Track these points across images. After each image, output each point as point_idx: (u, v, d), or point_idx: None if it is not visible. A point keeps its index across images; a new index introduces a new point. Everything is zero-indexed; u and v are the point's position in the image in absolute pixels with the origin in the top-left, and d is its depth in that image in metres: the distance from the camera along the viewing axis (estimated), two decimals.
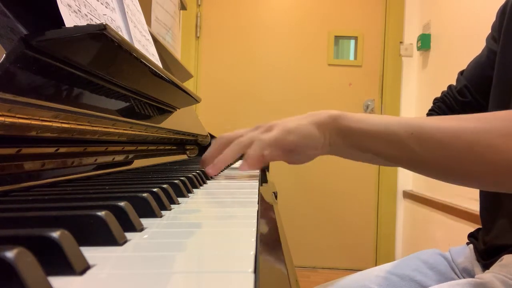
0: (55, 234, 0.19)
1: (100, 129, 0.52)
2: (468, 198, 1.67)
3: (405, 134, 0.48)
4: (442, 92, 0.86)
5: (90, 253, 0.22)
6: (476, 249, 0.72)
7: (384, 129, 0.49)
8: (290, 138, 0.53)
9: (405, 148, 0.48)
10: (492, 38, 0.76)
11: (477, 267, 0.70)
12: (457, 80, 0.83)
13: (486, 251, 0.68)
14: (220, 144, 0.61)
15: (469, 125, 0.45)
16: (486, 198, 0.72)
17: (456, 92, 0.81)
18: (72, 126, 0.44)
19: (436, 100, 0.87)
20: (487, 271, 0.63)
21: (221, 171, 0.83)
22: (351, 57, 2.50)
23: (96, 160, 0.57)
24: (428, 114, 0.87)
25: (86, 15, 0.50)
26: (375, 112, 2.45)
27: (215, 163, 0.59)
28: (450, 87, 0.84)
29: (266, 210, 0.42)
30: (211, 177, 0.67)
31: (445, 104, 0.83)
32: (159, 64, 0.81)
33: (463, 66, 0.85)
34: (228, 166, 0.95)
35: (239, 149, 0.57)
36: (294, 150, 0.55)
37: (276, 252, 0.26)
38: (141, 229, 0.29)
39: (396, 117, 0.51)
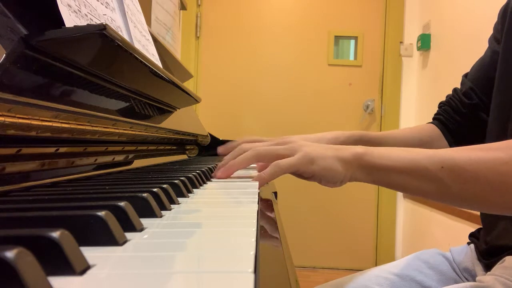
0: (55, 234, 0.19)
1: (100, 129, 0.52)
2: None
3: (435, 168, 0.47)
4: (447, 96, 0.85)
5: (90, 253, 0.22)
6: (477, 249, 0.72)
7: (412, 164, 0.49)
8: (311, 168, 0.52)
9: (435, 182, 0.47)
10: (495, 39, 0.76)
11: (478, 267, 0.70)
12: (462, 83, 0.83)
13: (488, 251, 0.68)
14: (240, 150, 0.60)
15: (501, 155, 0.44)
16: None
17: (462, 95, 0.80)
18: (72, 126, 0.44)
19: (441, 104, 0.86)
20: (488, 273, 0.63)
21: None
22: (351, 57, 2.50)
23: (96, 160, 0.57)
24: (435, 118, 0.86)
25: (86, 15, 0.50)
26: (375, 112, 2.45)
27: (227, 167, 0.59)
28: (455, 90, 0.84)
29: (266, 210, 0.42)
30: (211, 177, 0.67)
31: (451, 107, 0.83)
32: (159, 64, 0.81)
33: (463, 66, 0.85)
34: None
35: (254, 159, 0.57)
36: (310, 178, 0.54)
37: (276, 252, 0.26)
38: (141, 229, 0.29)
39: (422, 149, 0.51)
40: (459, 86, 0.84)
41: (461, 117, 0.81)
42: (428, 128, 0.85)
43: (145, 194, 0.33)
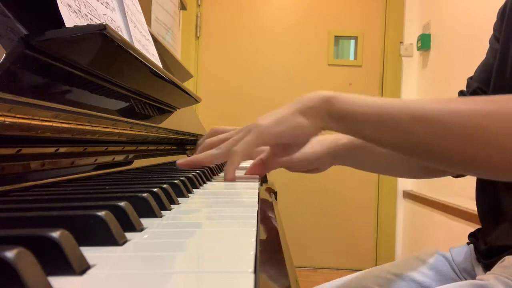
0: (55, 234, 0.19)
1: (100, 129, 0.52)
2: (468, 198, 1.67)
3: (407, 117, 0.44)
4: None
5: (90, 253, 0.22)
6: (476, 249, 0.72)
7: (380, 112, 0.46)
8: (271, 138, 0.49)
9: (407, 133, 0.44)
10: (495, 38, 0.76)
11: (477, 267, 0.70)
12: (468, 85, 0.82)
13: (487, 251, 0.68)
14: (204, 145, 0.58)
15: (482, 107, 0.42)
16: (484, 202, 0.72)
17: (469, 95, 0.80)
18: (72, 126, 0.44)
19: None
20: (488, 272, 0.63)
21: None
22: (351, 57, 2.50)
23: (96, 160, 0.57)
24: None
25: (86, 15, 0.50)
26: None
27: (188, 159, 0.57)
28: (462, 92, 0.83)
29: (266, 210, 0.42)
30: (212, 177, 0.67)
31: None
32: (159, 64, 0.81)
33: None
34: None
35: (218, 157, 0.54)
36: (285, 143, 0.51)
37: (276, 252, 0.26)
38: (141, 229, 0.29)
39: (395, 99, 0.48)
40: (459, 87, 0.83)
41: None
42: None
43: (145, 194, 0.33)
